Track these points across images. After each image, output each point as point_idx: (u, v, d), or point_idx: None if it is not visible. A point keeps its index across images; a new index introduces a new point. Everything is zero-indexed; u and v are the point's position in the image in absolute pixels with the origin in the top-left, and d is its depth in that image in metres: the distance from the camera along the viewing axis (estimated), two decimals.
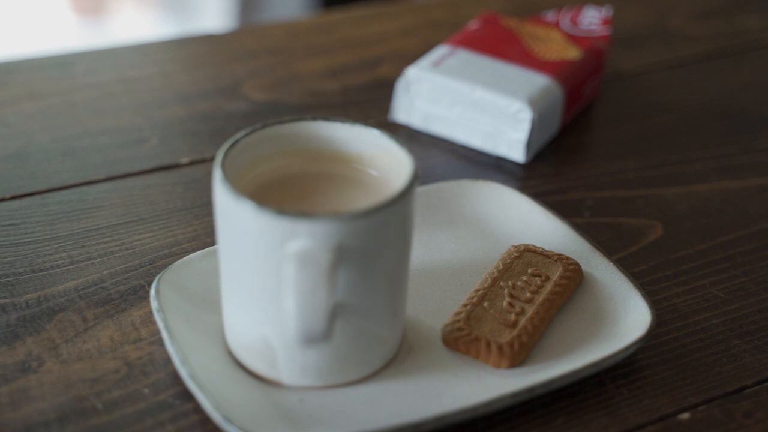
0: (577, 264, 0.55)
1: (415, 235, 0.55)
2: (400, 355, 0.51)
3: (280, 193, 0.50)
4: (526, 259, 0.56)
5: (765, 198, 0.67)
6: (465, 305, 0.53)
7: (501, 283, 0.54)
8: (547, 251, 0.56)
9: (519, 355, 0.50)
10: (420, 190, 0.59)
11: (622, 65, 0.82)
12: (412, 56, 0.79)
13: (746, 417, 0.50)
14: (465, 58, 0.72)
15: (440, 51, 0.73)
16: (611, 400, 0.50)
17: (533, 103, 0.68)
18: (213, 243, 0.55)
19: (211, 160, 0.66)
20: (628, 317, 0.52)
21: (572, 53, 0.73)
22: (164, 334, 0.49)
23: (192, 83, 0.76)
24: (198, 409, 0.48)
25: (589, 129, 0.74)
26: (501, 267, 0.55)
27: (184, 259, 0.54)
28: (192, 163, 0.67)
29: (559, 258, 0.56)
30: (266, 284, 0.46)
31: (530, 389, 0.48)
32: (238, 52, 0.81)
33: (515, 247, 0.57)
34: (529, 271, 0.55)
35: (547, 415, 0.49)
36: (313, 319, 0.44)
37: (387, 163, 0.50)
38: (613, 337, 0.51)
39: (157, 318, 0.50)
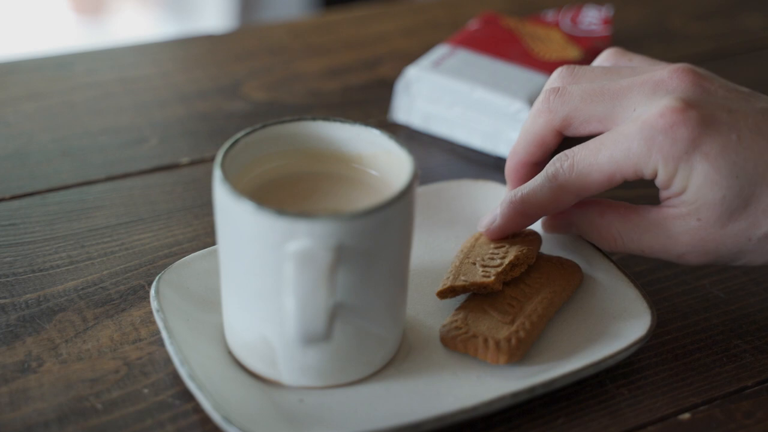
0: (576, 266, 0.55)
1: (415, 235, 0.55)
2: (400, 355, 0.51)
3: (280, 193, 0.50)
4: (483, 239, 0.56)
5: None
6: (464, 306, 0.53)
7: (468, 261, 0.54)
8: None
9: (517, 350, 0.50)
10: (420, 190, 0.59)
11: None
12: (412, 56, 0.79)
13: (747, 417, 0.50)
14: (465, 58, 0.72)
15: (440, 51, 0.73)
16: (611, 401, 0.50)
17: (533, 103, 0.68)
18: (213, 243, 0.55)
19: (211, 160, 0.66)
20: (628, 317, 0.52)
21: (572, 53, 0.73)
22: (164, 334, 0.49)
23: (192, 83, 0.76)
24: (198, 409, 0.48)
25: None
26: (465, 250, 0.55)
27: (184, 259, 0.54)
28: (192, 163, 0.67)
29: (519, 232, 0.56)
30: (266, 284, 0.46)
31: (530, 389, 0.48)
32: (238, 52, 0.81)
33: (472, 236, 0.57)
34: (492, 245, 0.55)
35: (547, 415, 0.49)
36: (313, 319, 0.44)
37: (387, 163, 0.50)
38: (613, 337, 0.51)
39: (157, 318, 0.50)
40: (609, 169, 0.51)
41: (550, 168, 0.52)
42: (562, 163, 0.52)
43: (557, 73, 0.55)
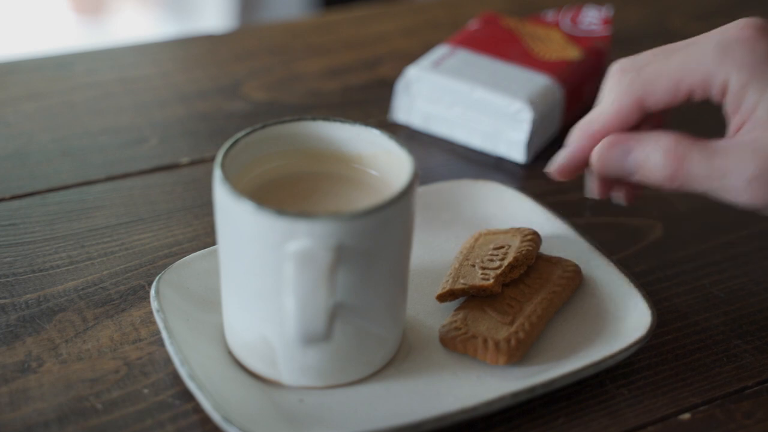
0: (576, 266, 0.55)
1: (415, 235, 0.55)
2: (400, 355, 0.51)
3: (280, 193, 0.50)
4: (483, 240, 0.56)
5: None
6: (464, 306, 0.53)
7: (468, 263, 0.54)
8: (500, 229, 0.57)
9: (516, 350, 0.50)
10: (420, 190, 0.59)
11: None
12: (412, 56, 0.79)
13: (747, 417, 0.50)
14: (465, 58, 0.72)
15: (440, 51, 0.73)
16: (611, 401, 0.50)
17: (533, 103, 0.68)
18: (213, 243, 0.55)
19: (211, 160, 0.66)
20: (628, 317, 0.52)
21: (572, 53, 0.73)
22: (164, 335, 0.49)
23: (192, 83, 0.76)
24: (198, 409, 0.48)
25: None
26: (464, 251, 0.55)
27: (184, 259, 0.54)
28: (192, 163, 0.67)
29: (518, 231, 0.56)
30: (266, 284, 0.46)
31: (530, 389, 0.48)
32: (238, 52, 0.81)
33: (472, 236, 0.57)
34: (491, 246, 0.55)
35: (547, 415, 0.49)
36: (313, 319, 0.44)
37: (387, 163, 0.50)
38: (613, 337, 0.51)
39: (157, 318, 0.50)
40: (677, 75, 0.48)
41: (615, 75, 0.50)
42: (628, 68, 0.50)
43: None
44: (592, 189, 0.53)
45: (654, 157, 0.49)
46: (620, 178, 0.51)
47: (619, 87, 0.50)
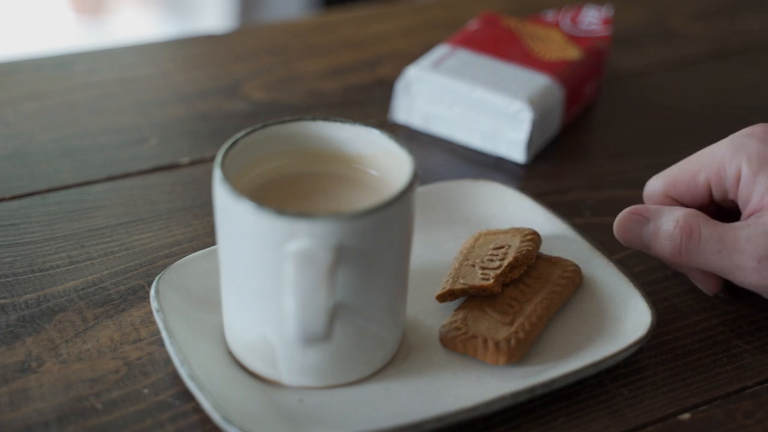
0: (576, 266, 0.55)
1: (415, 235, 0.55)
2: (400, 355, 0.51)
3: (280, 193, 0.50)
4: (483, 240, 0.56)
5: None
6: (464, 306, 0.53)
7: (468, 263, 0.54)
8: (500, 229, 0.57)
9: (516, 350, 0.50)
10: (420, 190, 0.59)
11: (622, 65, 0.82)
12: (412, 56, 0.79)
13: (747, 417, 0.50)
14: (465, 58, 0.72)
15: (440, 51, 0.73)
16: (611, 401, 0.50)
17: (533, 103, 0.68)
18: (213, 243, 0.55)
19: (211, 160, 0.66)
20: (628, 317, 0.52)
21: (572, 53, 0.73)
22: (164, 334, 0.49)
23: (192, 83, 0.76)
24: (198, 409, 0.48)
25: (589, 129, 0.74)
26: (464, 251, 0.55)
27: (184, 259, 0.54)
28: (192, 163, 0.67)
29: (518, 231, 0.56)
30: (266, 284, 0.46)
31: (530, 389, 0.48)
32: (238, 52, 0.81)
33: (472, 236, 0.57)
34: (491, 245, 0.55)
35: (547, 415, 0.49)
36: (313, 319, 0.44)
37: (387, 163, 0.50)
38: (613, 337, 0.51)
39: (157, 318, 0.50)
40: (694, 169, 0.52)
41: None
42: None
43: None
44: (705, 285, 0.55)
45: (666, 227, 0.51)
46: (640, 249, 0.54)
47: (652, 182, 0.54)
